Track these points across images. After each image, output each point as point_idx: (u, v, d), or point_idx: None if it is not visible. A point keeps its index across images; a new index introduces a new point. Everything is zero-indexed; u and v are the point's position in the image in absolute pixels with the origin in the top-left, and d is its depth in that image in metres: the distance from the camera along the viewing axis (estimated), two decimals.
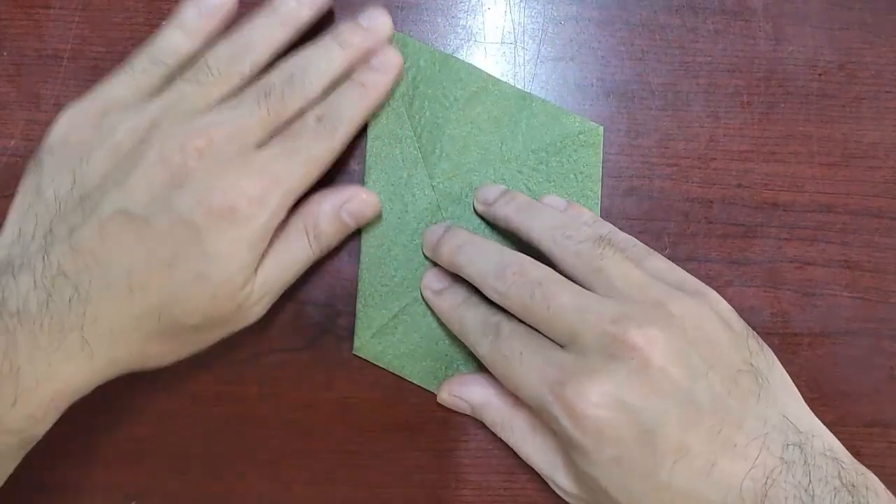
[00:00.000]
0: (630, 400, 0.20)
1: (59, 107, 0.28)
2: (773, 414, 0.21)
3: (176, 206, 0.22)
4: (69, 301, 0.21)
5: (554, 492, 0.28)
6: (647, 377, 0.21)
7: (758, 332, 0.24)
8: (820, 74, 0.30)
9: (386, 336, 0.28)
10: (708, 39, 0.30)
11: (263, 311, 0.25)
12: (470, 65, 0.29)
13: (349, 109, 0.25)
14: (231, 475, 0.28)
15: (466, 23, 0.29)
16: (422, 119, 0.28)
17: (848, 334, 0.29)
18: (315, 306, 0.28)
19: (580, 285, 0.24)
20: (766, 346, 0.23)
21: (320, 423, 0.28)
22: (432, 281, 0.27)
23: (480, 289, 0.25)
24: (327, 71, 0.25)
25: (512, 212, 0.26)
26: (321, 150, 0.24)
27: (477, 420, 0.28)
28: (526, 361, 0.22)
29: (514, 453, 0.28)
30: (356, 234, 0.28)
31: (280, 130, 0.24)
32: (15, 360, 0.20)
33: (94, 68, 0.28)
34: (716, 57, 0.30)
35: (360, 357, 0.28)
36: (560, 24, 0.29)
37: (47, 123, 0.28)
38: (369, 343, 0.28)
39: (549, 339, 0.23)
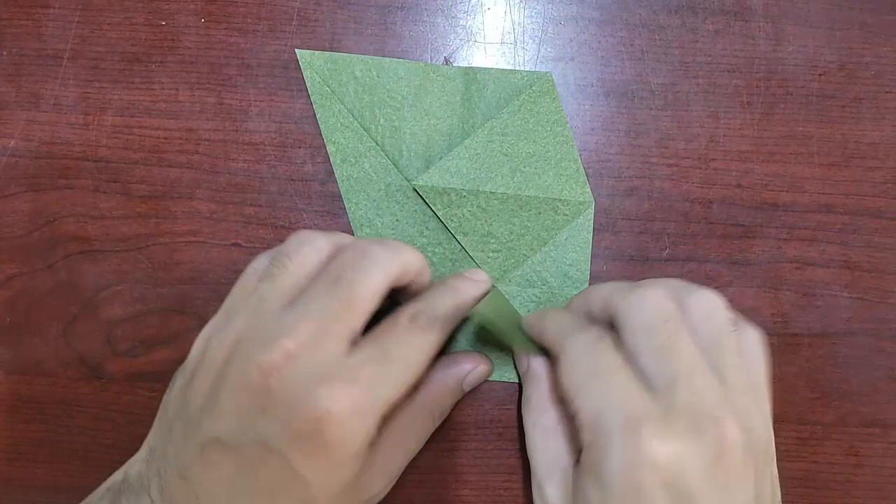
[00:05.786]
0: (688, 477, 0.19)
1: (58, 106, 0.28)
2: None
3: (262, 434, 0.20)
4: None
5: None
6: (714, 467, 0.20)
7: None
8: (820, 74, 0.30)
9: None
10: (708, 39, 0.30)
11: (386, 490, 0.24)
12: (405, 61, 0.29)
13: (444, 307, 0.23)
14: None
15: (466, 23, 0.29)
16: (378, 127, 0.29)
17: (848, 334, 0.29)
18: None
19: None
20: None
21: None
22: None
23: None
24: (402, 255, 0.23)
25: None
26: (418, 352, 0.22)
27: (477, 420, 0.28)
28: (616, 380, 0.21)
29: (514, 453, 0.28)
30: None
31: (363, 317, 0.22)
32: None
33: (94, 68, 0.28)
34: (716, 57, 0.30)
35: None
36: (560, 24, 0.29)
37: (47, 123, 0.28)
38: None
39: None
